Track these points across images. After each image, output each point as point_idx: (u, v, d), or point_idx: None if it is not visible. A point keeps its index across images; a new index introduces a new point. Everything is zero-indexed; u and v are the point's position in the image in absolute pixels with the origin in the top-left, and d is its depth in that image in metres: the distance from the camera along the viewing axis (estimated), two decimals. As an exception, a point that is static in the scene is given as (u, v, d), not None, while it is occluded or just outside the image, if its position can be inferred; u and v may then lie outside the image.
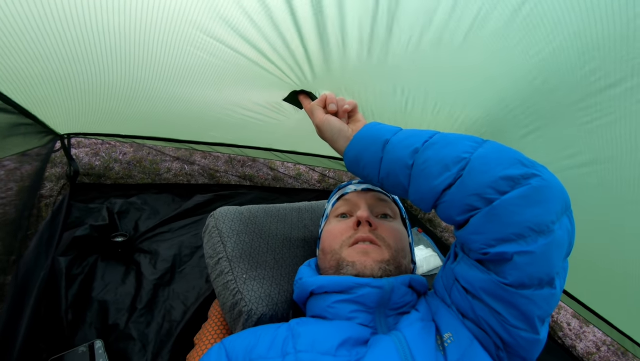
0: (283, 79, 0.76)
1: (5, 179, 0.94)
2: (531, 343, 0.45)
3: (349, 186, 0.76)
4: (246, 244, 0.77)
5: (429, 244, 1.77)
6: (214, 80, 0.79)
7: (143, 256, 1.22)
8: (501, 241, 0.42)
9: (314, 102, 0.68)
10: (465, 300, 0.49)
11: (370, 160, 0.57)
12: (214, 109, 1.01)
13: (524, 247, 0.41)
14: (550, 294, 0.43)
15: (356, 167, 0.60)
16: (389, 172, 0.54)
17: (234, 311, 0.68)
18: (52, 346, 0.88)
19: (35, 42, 0.60)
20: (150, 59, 0.69)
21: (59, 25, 0.57)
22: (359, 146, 0.59)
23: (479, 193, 0.44)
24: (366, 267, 0.58)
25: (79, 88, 0.82)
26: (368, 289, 0.55)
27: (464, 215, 0.46)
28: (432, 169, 0.48)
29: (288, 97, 0.85)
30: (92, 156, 1.67)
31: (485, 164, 0.45)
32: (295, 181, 2.08)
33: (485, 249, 0.44)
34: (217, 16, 0.57)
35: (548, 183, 0.43)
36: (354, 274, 0.58)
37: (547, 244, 0.41)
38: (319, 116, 0.65)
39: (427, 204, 0.51)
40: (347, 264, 0.59)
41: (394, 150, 0.54)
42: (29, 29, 0.57)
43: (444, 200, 0.48)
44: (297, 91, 0.82)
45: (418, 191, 0.51)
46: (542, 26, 0.58)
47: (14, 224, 0.93)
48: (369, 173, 0.58)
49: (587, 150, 0.73)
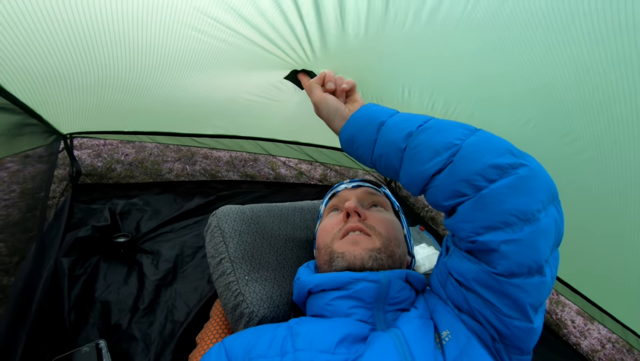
0: (283, 58, 0.75)
1: (9, 181, 0.95)
2: (526, 333, 0.46)
3: (341, 185, 0.77)
4: (248, 245, 0.77)
5: (431, 242, 1.76)
6: (215, 63, 0.79)
7: (145, 257, 1.22)
8: (489, 229, 0.43)
9: (313, 80, 0.68)
10: (459, 293, 0.50)
11: (365, 141, 0.57)
12: (216, 95, 1.01)
13: (511, 235, 0.42)
14: (540, 282, 0.44)
15: (351, 147, 0.60)
16: (382, 154, 0.55)
17: (235, 313, 0.68)
18: (55, 347, 0.89)
19: (39, 38, 0.61)
20: (152, 44, 0.69)
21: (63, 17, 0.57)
22: (354, 126, 0.59)
23: (468, 180, 0.45)
24: (356, 257, 0.58)
25: (82, 82, 0.82)
26: (365, 284, 0.55)
27: (452, 201, 0.47)
28: (423, 154, 0.49)
29: (289, 76, 0.85)
30: (94, 158, 1.68)
31: (475, 152, 0.45)
32: (296, 180, 2.09)
33: (474, 237, 0.45)
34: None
35: (535, 172, 0.44)
36: (345, 266, 0.58)
37: (533, 232, 0.42)
38: (317, 94, 0.65)
39: (417, 188, 0.52)
40: (338, 256, 0.60)
41: (389, 132, 0.54)
42: (34, 23, 0.57)
43: (433, 185, 0.49)
44: (297, 70, 0.82)
45: (408, 174, 0.52)
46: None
47: (17, 226, 0.94)
48: (362, 153, 0.58)
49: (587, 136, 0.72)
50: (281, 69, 0.83)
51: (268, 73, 0.87)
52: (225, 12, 0.60)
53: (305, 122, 0.75)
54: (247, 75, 0.89)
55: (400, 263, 0.63)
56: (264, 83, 0.94)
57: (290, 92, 0.98)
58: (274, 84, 0.95)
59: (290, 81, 0.87)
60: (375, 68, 0.83)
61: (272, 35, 0.67)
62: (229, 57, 0.77)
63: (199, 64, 0.79)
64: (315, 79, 0.68)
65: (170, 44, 0.69)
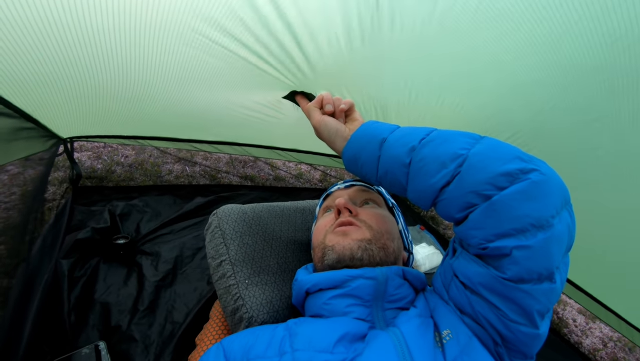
0: (281, 79, 0.76)
1: (9, 184, 0.95)
2: (531, 338, 0.45)
3: (334, 186, 0.77)
4: (249, 247, 0.76)
5: (431, 241, 1.76)
6: (213, 81, 0.79)
7: (145, 258, 1.22)
8: (500, 236, 0.42)
9: (311, 104, 0.68)
10: (463, 296, 0.49)
11: (368, 159, 0.56)
12: (214, 108, 1.02)
13: (523, 241, 0.41)
14: (549, 289, 0.42)
15: (355, 166, 0.60)
16: (387, 171, 0.54)
17: (235, 317, 0.67)
18: (55, 349, 0.89)
19: (33, 45, 0.61)
20: (148, 60, 0.69)
21: (58, 27, 0.57)
22: (356, 145, 0.58)
23: (477, 190, 0.43)
24: (345, 247, 0.58)
25: (79, 91, 0.82)
26: (362, 281, 0.54)
27: (463, 212, 0.46)
28: (429, 167, 0.48)
29: (288, 96, 0.85)
30: (94, 160, 1.69)
31: (482, 161, 0.44)
32: (296, 180, 2.09)
33: (485, 244, 0.44)
34: (209, 20, 0.57)
35: (547, 177, 0.42)
36: (335, 258, 0.58)
37: (547, 239, 0.41)
38: (316, 118, 0.65)
39: (426, 202, 0.50)
40: (329, 249, 0.60)
41: (391, 148, 0.53)
42: (28, 31, 0.57)
43: (442, 198, 0.48)
44: (296, 92, 0.82)
45: (416, 190, 0.51)
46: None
47: (17, 229, 0.94)
48: (367, 172, 0.58)
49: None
50: (279, 89, 0.83)
51: (266, 92, 0.87)
52: (221, 34, 0.61)
53: (306, 133, 0.75)
54: (245, 93, 0.89)
55: (395, 257, 0.63)
56: (262, 101, 0.95)
57: (290, 109, 0.99)
58: (273, 102, 0.95)
59: (289, 100, 0.87)
60: (377, 77, 0.83)
61: (268, 57, 0.68)
62: (226, 77, 0.77)
63: (194, 81, 0.79)
64: (312, 102, 0.68)
65: (165, 61, 0.69)
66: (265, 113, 1.04)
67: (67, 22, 0.56)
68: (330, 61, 0.71)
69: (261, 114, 1.05)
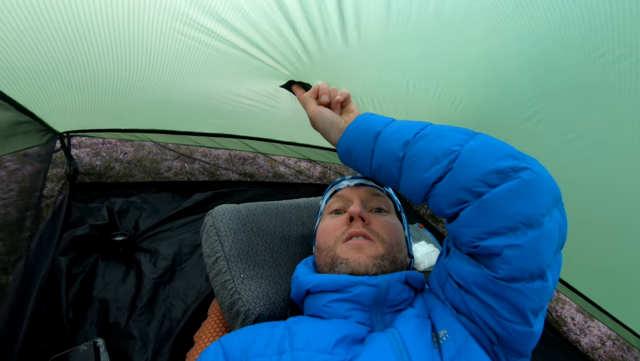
0: (278, 69, 0.75)
1: (7, 180, 0.94)
2: (525, 337, 0.45)
3: (342, 182, 0.75)
4: (244, 243, 0.77)
5: (430, 240, 1.76)
6: (207, 69, 0.78)
7: (143, 255, 1.22)
8: (491, 235, 0.42)
9: (306, 94, 0.67)
10: (458, 295, 0.49)
11: (363, 152, 0.56)
12: (211, 97, 1.00)
13: (514, 240, 0.41)
14: (542, 287, 0.42)
15: (349, 158, 0.60)
16: (381, 164, 0.54)
17: (232, 311, 0.68)
18: (53, 345, 0.89)
19: (25, 34, 0.60)
20: (141, 47, 0.68)
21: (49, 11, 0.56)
22: (351, 137, 0.58)
23: (469, 187, 0.43)
24: (360, 264, 0.57)
25: (72, 81, 0.81)
26: (364, 288, 0.54)
27: (454, 208, 0.46)
28: (422, 162, 0.48)
29: (286, 85, 0.85)
30: (92, 156, 1.68)
31: (475, 157, 0.44)
32: (296, 178, 2.08)
33: (476, 242, 0.44)
34: (206, 11, 0.57)
35: (538, 175, 0.42)
36: (348, 272, 0.57)
37: (537, 238, 0.41)
38: (312, 108, 0.65)
39: (418, 197, 0.50)
40: (342, 262, 0.58)
41: (386, 142, 0.53)
42: (20, 20, 0.56)
43: (434, 193, 0.48)
44: (293, 81, 0.81)
45: (409, 184, 0.51)
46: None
47: (15, 225, 0.94)
48: (361, 165, 0.58)
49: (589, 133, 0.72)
50: (276, 78, 0.82)
51: (263, 81, 0.86)
52: (216, 22, 0.59)
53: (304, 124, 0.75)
54: (242, 82, 0.88)
55: (401, 267, 0.63)
56: (260, 90, 0.94)
57: (288, 100, 0.98)
58: (270, 91, 0.94)
59: (286, 89, 0.86)
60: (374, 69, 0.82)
61: (265, 46, 0.66)
62: (222, 65, 0.76)
63: (190, 68, 0.78)
64: (308, 92, 0.67)
65: (159, 47, 0.68)
66: (262, 102, 1.03)
67: (58, 6, 0.54)
68: (327, 51, 0.70)
69: (259, 102, 1.03)
